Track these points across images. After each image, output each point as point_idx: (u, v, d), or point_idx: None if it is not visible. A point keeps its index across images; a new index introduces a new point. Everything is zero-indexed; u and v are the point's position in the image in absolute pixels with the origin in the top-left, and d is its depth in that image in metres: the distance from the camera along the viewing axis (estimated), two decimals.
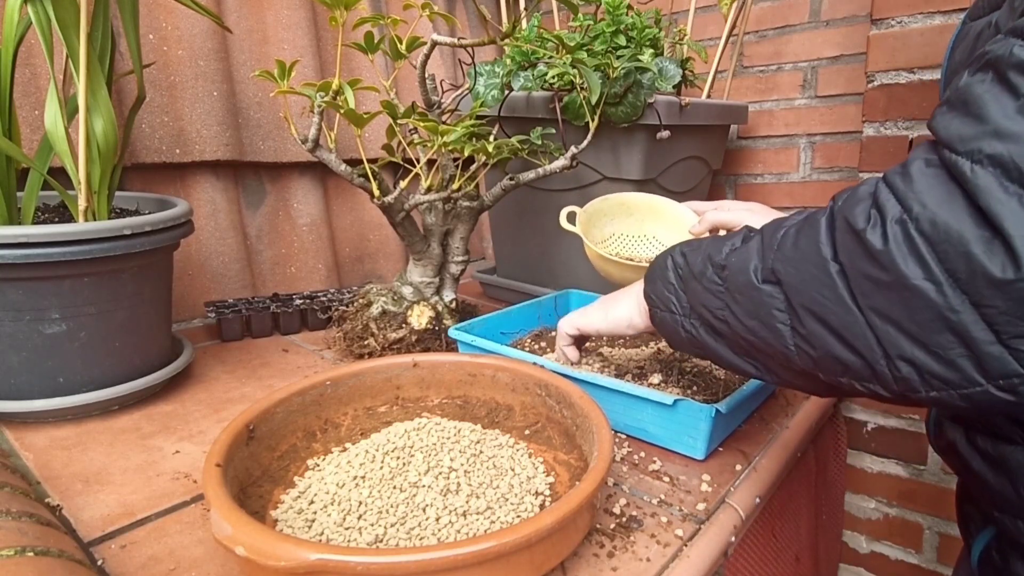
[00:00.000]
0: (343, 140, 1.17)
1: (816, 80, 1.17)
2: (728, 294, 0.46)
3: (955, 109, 0.35)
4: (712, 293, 0.47)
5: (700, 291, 0.49)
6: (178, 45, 0.98)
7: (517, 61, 0.93)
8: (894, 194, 0.36)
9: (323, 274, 1.19)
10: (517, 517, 0.48)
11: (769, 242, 0.44)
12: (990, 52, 0.34)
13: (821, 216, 0.41)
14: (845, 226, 0.38)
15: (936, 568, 1.01)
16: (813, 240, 0.40)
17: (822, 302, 0.39)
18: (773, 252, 0.43)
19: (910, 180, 0.35)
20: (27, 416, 0.67)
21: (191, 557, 0.47)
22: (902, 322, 0.35)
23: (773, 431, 0.70)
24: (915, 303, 0.34)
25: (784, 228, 0.44)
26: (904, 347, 0.36)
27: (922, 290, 0.34)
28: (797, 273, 0.40)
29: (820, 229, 0.40)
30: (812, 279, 0.39)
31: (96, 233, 0.63)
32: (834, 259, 0.38)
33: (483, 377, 0.66)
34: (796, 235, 0.42)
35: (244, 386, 0.80)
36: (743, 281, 0.44)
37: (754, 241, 0.46)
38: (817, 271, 0.39)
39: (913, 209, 0.34)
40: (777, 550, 0.73)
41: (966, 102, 0.34)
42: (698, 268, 0.49)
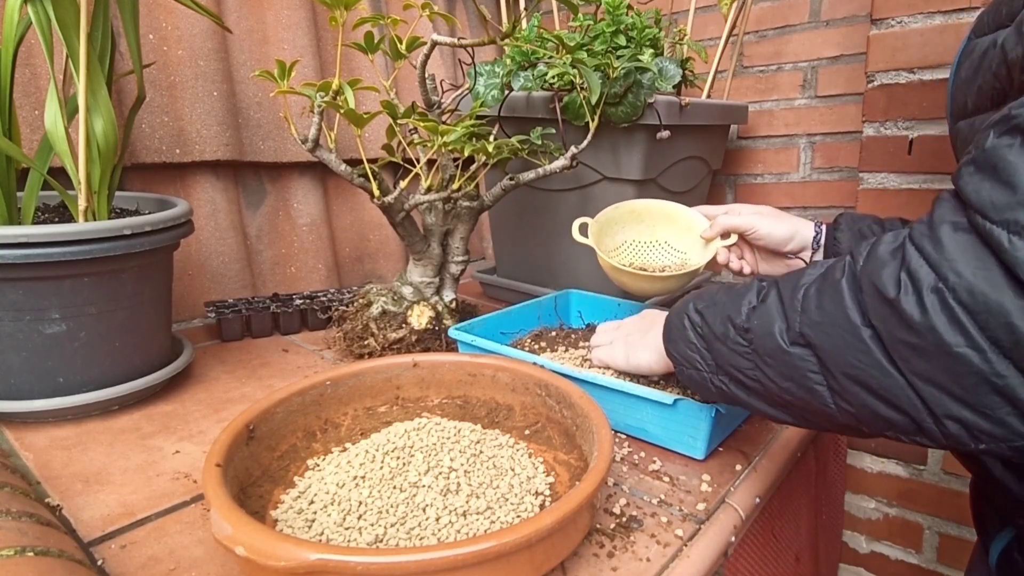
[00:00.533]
0: (343, 140, 1.17)
1: (816, 80, 1.17)
2: (757, 356, 0.46)
3: (984, 172, 0.35)
4: (740, 355, 0.47)
5: (726, 352, 0.48)
6: (178, 45, 0.98)
7: (517, 61, 0.93)
8: (926, 261, 0.35)
9: (323, 274, 1.19)
10: (517, 517, 0.48)
11: (791, 303, 0.43)
12: (1018, 116, 0.34)
13: (841, 277, 0.40)
14: (874, 292, 0.37)
15: (936, 568, 1.01)
16: (839, 305, 0.40)
17: (859, 367, 0.39)
18: (798, 315, 0.42)
19: (941, 246, 0.35)
20: (27, 416, 0.67)
21: (191, 557, 0.47)
22: (947, 385, 0.35)
23: (773, 431, 0.70)
24: (959, 369, 0.34)
25: (803, 287, 0.43)
26: (951, 408, 0.36)
27: (967, 357, 0.34)
28: (828, 338, 0.40)
29: (844, 294, 0.39)
30: (845, 344, 0.39)
31: (96, 233, 0.63)
32: (866, 324, 0.38)
33: (483, 377, 0.66)
34: (818, 296, 0.41)
35: (244, 386, 0.80)
36: (772, 346, 0.44)
37: (772, 300, 0.45)
38: (850, 337, 0.39)
39: (949, 278, 0.34)
40: (777, 550, 0.73)
41: (995, 167, 0.34)
42: (719, 330, 0.49)
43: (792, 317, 0.43)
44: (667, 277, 0.77)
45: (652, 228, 0.87)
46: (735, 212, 0.78)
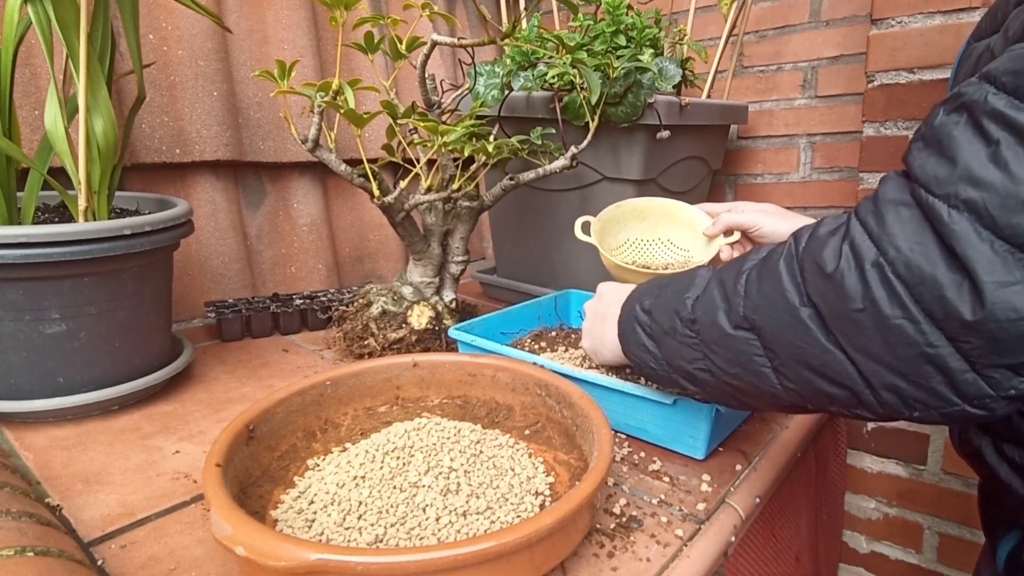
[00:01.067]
0: (343, 140, 1.17)
1: (816, 80, 1.17)
2: (704, 345, 0.47)
3: (931, 148, 0.36)
4: (688, 346, 0.48)
5: (676, 346, 0.50)
6: (178, 45, 0.98)
7: (517, 61, 0.93)
8: (869, 235, 0.37)
9: (323, 274, 1.19)
10: (517, 517, 0.48)
11: (733, 288, 0.44)
12: (965, 95, 0.35)
13: (779, 259, 0.42)
14: (815, 269, 0.39)
15: (936, 568, 1.01)
16: (777, 286, 0.41)
17: (800, 345, 0.40)
18: (740, 299, 0.44)
19: (883, 221, 0.36)
20: (27, 416, 0.67)
21: (191, 557, 0.47)
22: (884, 357, 0.37)
23: (773, 431, 0.70)
24: (896, 340, 0.36)
25: (744, 273, 0.44)
26: (887, 378, 0.37)
27: (903, 328, 0.35)
28: (770, 320, 0.41)
29: (782, 275, 0.41)
30: (786, 325, 0.40)
31: (96, 233, 0.63)
32: (804, 304, 0.40)
33: (483, 377, 0.66)
34: (759, 280, 0.43)
35: (244, 386, 0.80)
36: (717, 333, 0.45)
37: (714, 287, 0.47)
38: (789, 317, 0.40)
39: (888, 252, 0.35)
40: (777, 550, 0.73)
41: (941, 142, 0.35)
42: (667, 325, 0.50)
43: (735, 302, 0.44)
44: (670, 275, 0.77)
45: (654, 226, 0.87)
46: (738, 209, 0.77)
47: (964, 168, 0.33)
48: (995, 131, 0.32)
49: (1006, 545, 0.53)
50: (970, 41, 0.54)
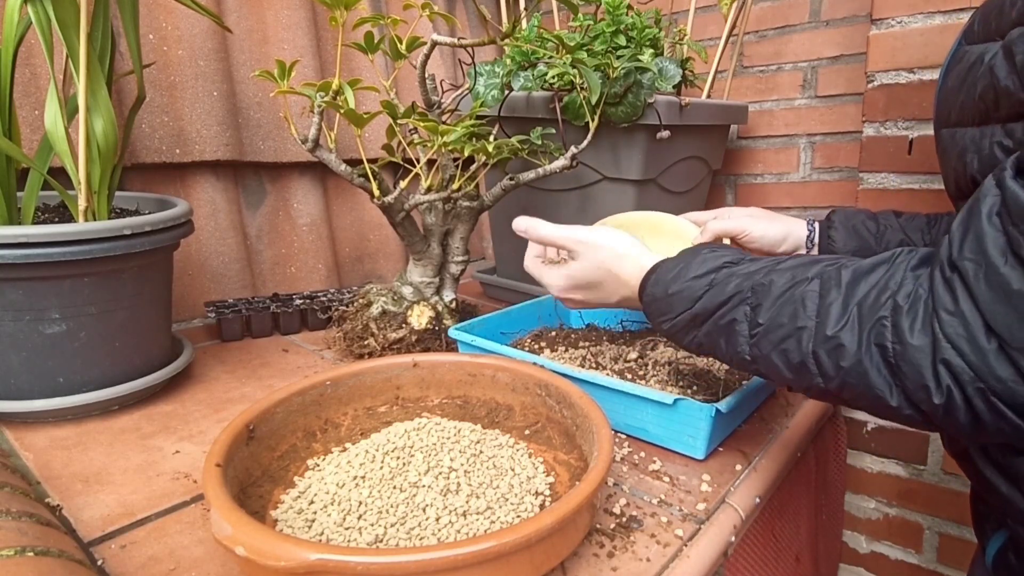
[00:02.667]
0: (343, 140, 1.17)
1: (816, 80, 1.17)
2: (775, 381, 0.49)
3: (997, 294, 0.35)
4: (757, 372, 0.49)
5: (744, 366, 0.49)
6: (178, 45, 0.98)
7: (517, 61, 0.93)
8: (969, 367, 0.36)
9: (323, 274, 1.19)
10: (517, 517, 0.48)
11: (801, 365, 0.43)
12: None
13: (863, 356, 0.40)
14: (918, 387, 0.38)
15: (936, 568, 1.01)
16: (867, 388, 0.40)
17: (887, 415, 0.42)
18: (819, 378, 0.43)
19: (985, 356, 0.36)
20: (27, 416, 0.67)
21: (191, 557, 0.47)
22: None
23: (773, 431, 0.70)
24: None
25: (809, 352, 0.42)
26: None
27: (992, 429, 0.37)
28: (857, 401, 0.42)
29: (870, 379, 0.40)
30: (877, 409, 0.42)
31: (96, 233, 0.63)
32: (897, 401, 0.40)
33: (483, 377, 0.66)
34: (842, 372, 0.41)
35: (244, 386, 0.80)
36: (797, 389, 0.47)
37: (777, 357, 0.45)
38: (885, 409, 0.41)
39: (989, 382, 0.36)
40: (777, 550, 0.73)
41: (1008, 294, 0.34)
42: (729, 358, 0.49)
43: (813, 380, 0.43)
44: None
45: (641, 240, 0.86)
46: (724, 216, 0.77)
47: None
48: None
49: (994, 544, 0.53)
50: (961, 42, 0.53)
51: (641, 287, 0.55)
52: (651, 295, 0.53)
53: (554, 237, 0.63)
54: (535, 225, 0.65)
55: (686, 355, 0.78)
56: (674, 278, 0.51)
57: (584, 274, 0.61)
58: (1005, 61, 0.44)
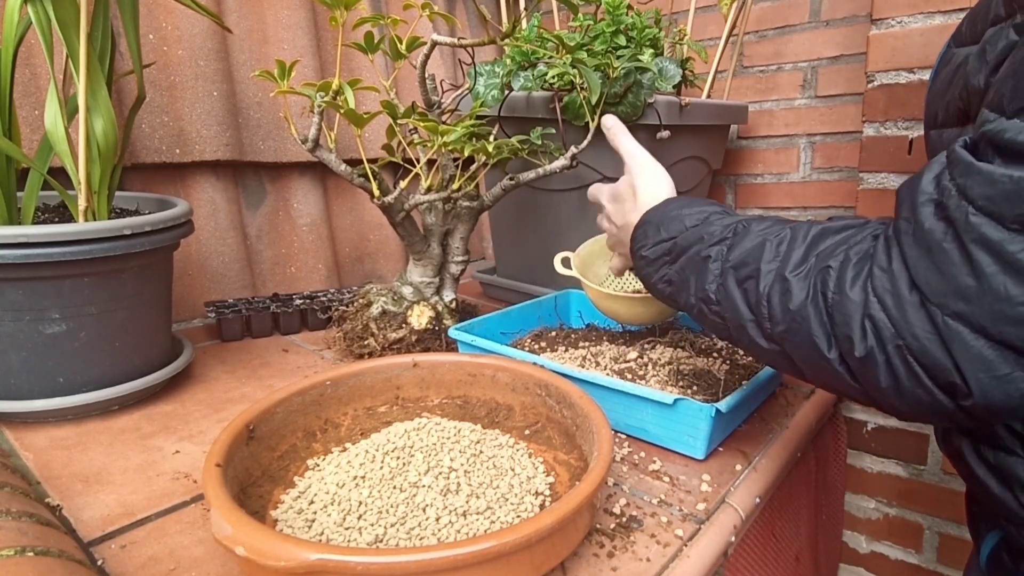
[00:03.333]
0: (343, 140, 1.17)
1: (816, 80, 1.17)
2: (729, 332, 0.49)
3: (921, 250, 0.37)
4: (713, 324, 0.51)
5: (700, 314, 0.52)
6: (178, 45, 0.98)
7: (517, 61, 0.93)
8: (889, 319, 0.38)
9: (323, 274, 1.19)
10: (517, 517, 0.48)
11: (757, 305, 0.45)
12: (949, 206, 0.36)
13: (804, 295, 0.42)
14: (845, 337, 0.40)
15: (936, 568, 1.01)
16: (806, 330, 0.42)
17: (825, 377, 0.43)
18: (767, 321, 0.45)
19: (903, 309, 0.38)
20: (27, 416, 0.67)
21: (191, 557, 0.47)
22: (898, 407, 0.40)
23: (773, 431, 0.70)
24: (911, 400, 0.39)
25: (766, 292, 0.44)
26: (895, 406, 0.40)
27: (919, 397, 0.38)
28: (799, 350, 0.43)
29: (809, 317, 0.41)
30: (814, 361, 0.42)
31: (96, 233, 0.63)
32: (832, 352, 0.41)
33: (483, 377, 0.66)
34: (783, 309, 0.43)
35: (244, 386, 0.80)
36: (746, 340, 0.47)
37: (736, 288, 0.47)
38: (820, 360, 0.42)
39: (907, 339, 0.38)
40: (777, 550, 0.73)
41: (931, 250, 0.37)
42: (695, 292, 0.51)
43: (763, 323, 0.45)
44: None
45: None
46: None
47: (953, 283, 0.35)
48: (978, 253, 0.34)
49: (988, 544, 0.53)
50: (951, 44, 0.54)
51: (646, 212, 0.59)
52: (648, 218, 0.58)
53: (624, 144, 0.69)
54: (619, 131, 0.71)
55: (686, 355, 0.78)
56: (676, 207, 0.56)
57: (620, 187, 0.67)
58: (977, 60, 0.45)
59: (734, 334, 0.49)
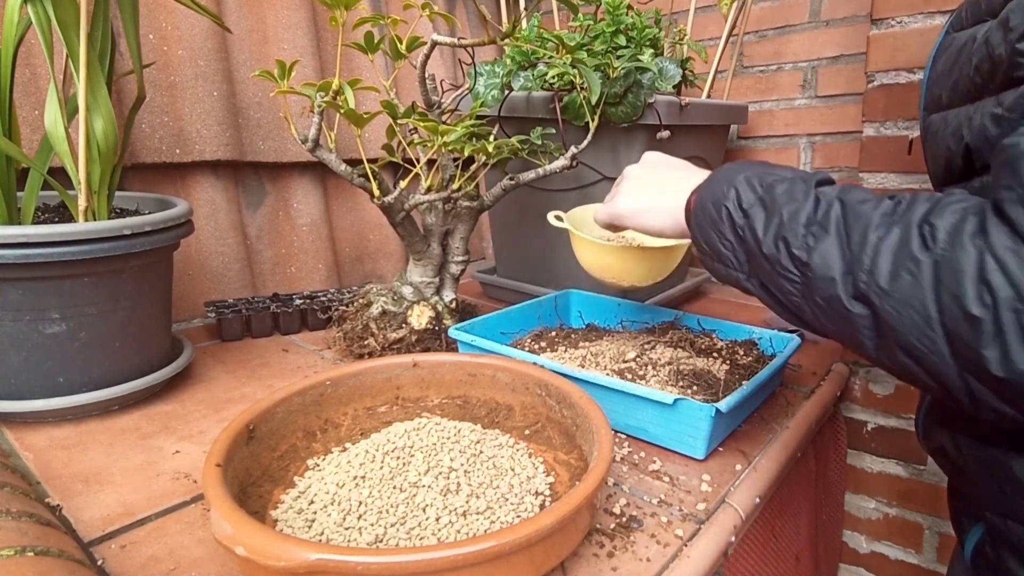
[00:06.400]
0: (343, 140, 1.17)
1: (816, 80, 1.17)
2: (808, 291, 0.43)
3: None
4: (787, 281, 0.44)
5: (770, 272, 0.45)
6: (178, 45, 0.98)
7: (517, 61, 0.93)
8: (1006, 277, 0.34)
9: (323, 274, 1.19)
10: (517, 517, 0.48)
11: (859, 255, 0.40)
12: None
13: (921, 254, 0.37)
14: (953, 300, 0.36)
15: (936, 568, 1.01)
16: (918, 290, 0.37)
17: (921, 348, 0.38)
18: (865, 274, 0.39)
19: (1021, 260, 0.34)
20: (27, 416, 0.67)
21: (191, 557, 0.47)
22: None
23: (773, 431, 0.70)
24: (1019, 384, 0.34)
25: (872, 242, 0.39)
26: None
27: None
28: (897, 315, 0.38)
29: (924, 280, 0.37)
30: (914, 326, 0.38)
31: (96, 233, 0.63)
32: (941, 322, 0.37)
33: (483, 377, 0.66)
34: (893, 265, 0.38)
35: (244, 386, 0.80)
36: (830, 293, 0.41)
37: (834, 237, 0.41)
38: (923, 324, 0.37)
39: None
40: (777, 550, 0.73)
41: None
42: (769, 249, 0.44)
43: (858, 274, 0.40)
44: (660, 250, 0.73)
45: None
46: None
47: None
48: None
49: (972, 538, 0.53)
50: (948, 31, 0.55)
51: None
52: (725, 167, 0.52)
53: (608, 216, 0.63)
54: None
55: (686, 355, 0.78)
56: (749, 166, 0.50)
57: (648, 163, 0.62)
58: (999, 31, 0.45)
59: (806, 292, 0.43)
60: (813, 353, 0.94)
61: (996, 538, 0.50)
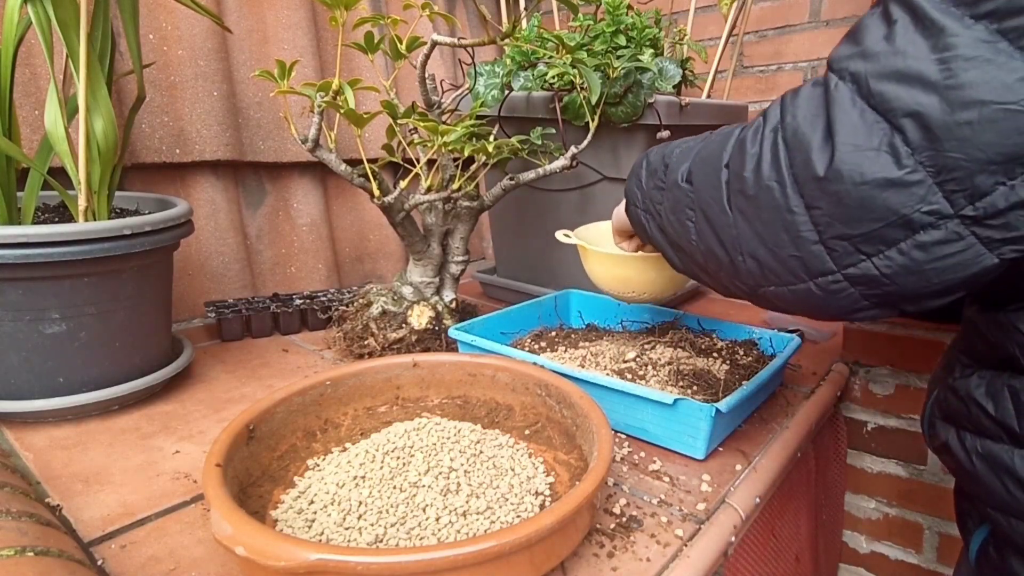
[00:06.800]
0: (343, 140, 1.17)
1: None
2: (667, 191, 0.50)
3: (848, 37, 0.38)
4: (657, 188, 0.52)
5: (651, 187, 0.53)
6: (178, 45, 0.98)
7: (517, 61, 0.93)
8: (780, 106, 0.39)
9: (323, 274, 1.19)
10: (517, 517, 0.48)
11: (696, 146, 0.48)
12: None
13: (735, 129, 0.44)
14: (738, 135, 0.42)
15: (936, 568, 1.01)
16: (720, 145, 0.44)
17: (710, 203, 0.44)
18: (695, 155, 0.47)
19: (796, 95, 0.39)
20: (27, 416, 0.67)
21: (191, 557, 0.47)
22: (753, 222, 0.40)
23: (773, 431, 0.70)
24: (764, 202, 0.39)
25: (711, 135, 0.47)
26: (751, 244, 0.41)
27: (771, 191, 0.38)
28: (702, 176, 0.45)
29: (728, 140, 0.43)
30: (709, 182, 0.44)
31: (96, 233, 0.63)
32: (725, 165, 0.43)
33: (483, 377, 0.66)
34: (713, 143, 0.45)
35: (244, 386, 0.80)
36: (673, 179, 0.49)
37: (693, 143, 0.49)
38: (713, 176, 0.43)
39: (786, 119, 0.38)
40: (777, 550, 0.73)
41: (856, 31, 0.38)
42: (655, 164, 0.53)
43: (694, 159, 0.47)
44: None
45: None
46: None
47: (862, 46, 0.36)
48: (896, 12, 0.35)
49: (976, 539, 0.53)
50: None
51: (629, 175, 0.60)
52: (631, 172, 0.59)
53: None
54: None
55: (686, 355, 0.78)
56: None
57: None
58: None
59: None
60: (813, 353, 0.94)
61: (1000, 539, 0.50)
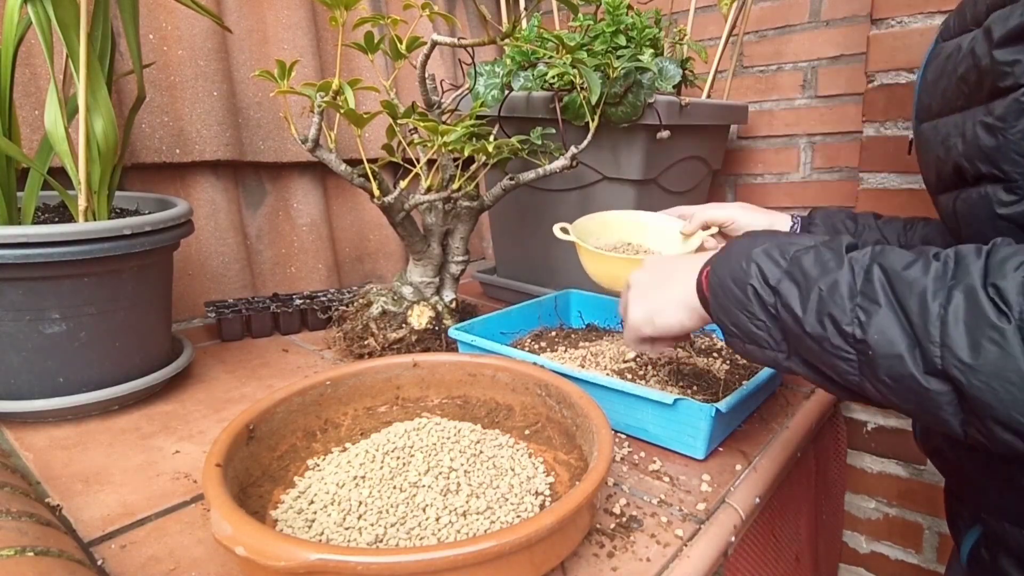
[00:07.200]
0: (343, 140, 1.17)
1: (816, 80, 1.17)
2: (869, 370, 0.39)
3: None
4: (841, 360, 0.40)
5: (818, 351, 0.41)
6: (178, 45, 0.98)
7: (517, 61, 0.93)
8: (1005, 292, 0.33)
9: (323, 274, 1.19)
10: (517, 517, 0.48)
11: (922, 324, 0.36)
12: None
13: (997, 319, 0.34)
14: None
15: (936, 568, 1.01)
16: (1006, 356, 0.34)
17: (1021, 421, 0.34)
18: (938, 347, 0.36)
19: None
20: (27, 416, 0.67)
21: (191, 557, 0.47)
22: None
23: (773, 431, 0.70)
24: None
25: (934, 311, 0.36)
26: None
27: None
28: (991, 390, 0.34)
29: (1013, 348, 0.33)
30: (1013, 400, 0.34)
31: (96, 233, 0.63)
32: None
33: (483, 377, 0.66)
34: (969, 334, 0.35)
35: (244, 386, 0.80)
36: (898, 371, 0.37)
37: (888, 310, 0.38)
38: (1020, 393, 0.33)
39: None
40: (777, 550, 0.73)
41: None
42: (812, 327, 0.41)
43: (929, 348, 0.36)
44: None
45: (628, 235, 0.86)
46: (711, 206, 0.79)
47: None
48: None
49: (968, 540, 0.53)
50: (938, 40, 0.56)
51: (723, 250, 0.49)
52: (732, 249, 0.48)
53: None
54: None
55: (686, 355, 0.78)
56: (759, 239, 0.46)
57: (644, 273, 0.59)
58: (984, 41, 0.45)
59: (866, 370, 0.39)
60: None
61: (992, 540, 0.50)
